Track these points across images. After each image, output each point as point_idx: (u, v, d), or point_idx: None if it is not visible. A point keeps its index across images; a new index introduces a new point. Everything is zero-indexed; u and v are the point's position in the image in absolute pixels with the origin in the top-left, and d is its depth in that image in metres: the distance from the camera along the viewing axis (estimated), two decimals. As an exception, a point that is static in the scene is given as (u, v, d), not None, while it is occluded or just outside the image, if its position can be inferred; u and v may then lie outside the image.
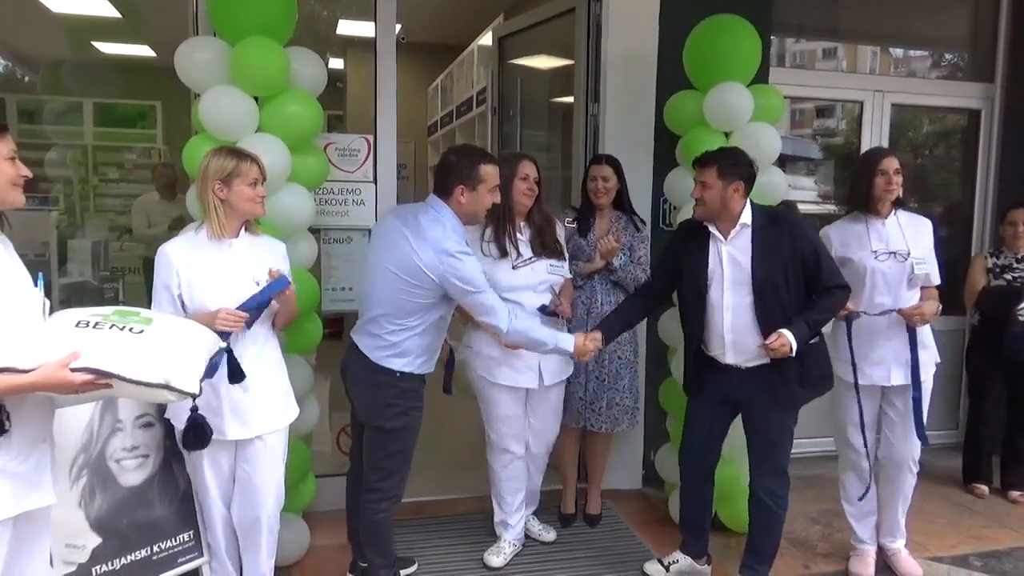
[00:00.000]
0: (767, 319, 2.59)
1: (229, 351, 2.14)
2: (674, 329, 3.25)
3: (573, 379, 3.34)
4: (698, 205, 2.70)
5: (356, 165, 3.53)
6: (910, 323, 2.91)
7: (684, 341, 2.90)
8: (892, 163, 2.93)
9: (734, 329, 2.66)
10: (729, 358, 2.71)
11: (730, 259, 2.66)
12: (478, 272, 2.51)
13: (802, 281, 2.60)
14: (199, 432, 2.23)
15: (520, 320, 2.65)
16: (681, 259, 2.79)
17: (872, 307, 2.96)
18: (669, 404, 3.58)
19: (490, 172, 2.57)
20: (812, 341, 2.64)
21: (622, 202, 3.40)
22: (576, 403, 3.36)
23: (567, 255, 3.16)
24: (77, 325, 1.70)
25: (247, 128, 2.79)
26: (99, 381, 1.63)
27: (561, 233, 3.20)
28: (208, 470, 2.49)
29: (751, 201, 2.70)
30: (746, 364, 2.69)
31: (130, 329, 1.72)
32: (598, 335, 2.81)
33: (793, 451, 4.22)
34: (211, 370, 1.93)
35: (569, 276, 3.15)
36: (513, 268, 2.97)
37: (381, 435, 2.62)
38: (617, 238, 3.23)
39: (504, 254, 2.96)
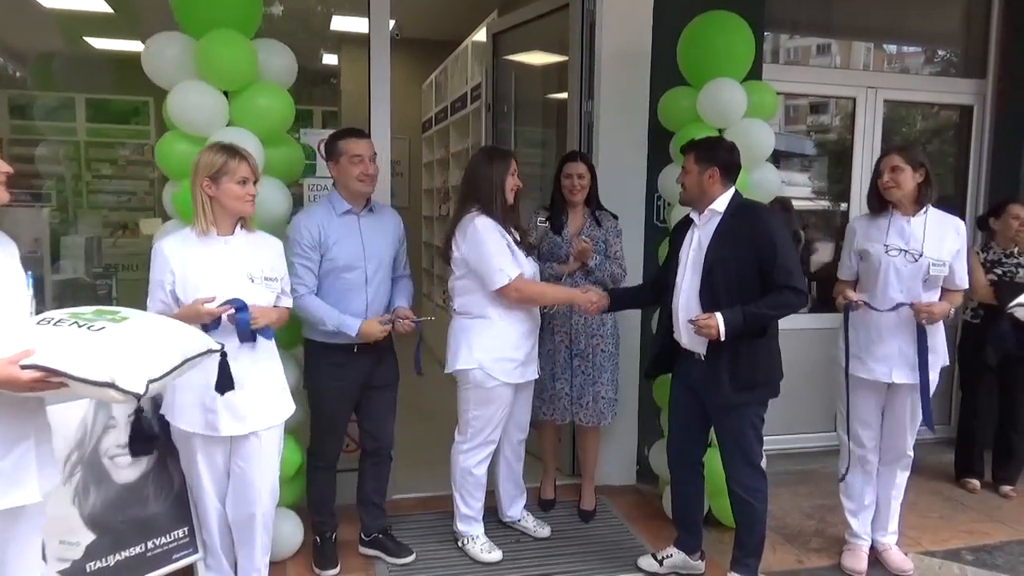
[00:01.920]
0: (710, 302, 2.64)
1: (224, 356, 2.08)
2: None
3: (560, 375, 3.39)
4: (681, 191, 2.83)
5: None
6: (918, 320, 2.91)
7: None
8: (888, 161, 2.91)
9: (685, 308, 2.73)
10: (684, 340, 2.77)
11: (696, 242, 2.74)
12: (293, 247, 2.79)
13: (756, 274, 2.61)
14: (143, 436, 2.13)
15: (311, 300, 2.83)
16: (672, 249, 2.90)
17: (885, 302, 2.95)
18: (662, 399, 3.59)
19: (347, 144, 2.83)
20: (759, 341, 2.64)
21: (591, 199, 3.45)
22: (563, 400, 3.40)
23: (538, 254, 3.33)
24: (39, 323, 1.67)
25: (217, 122, 2.78)
26: (51, 379, 1.58)
27: (532, 233, 3.32)
28: (203, 466, 2.50)
29: (737, 192, 2.74)
30: (696, 349, 2.73)
31: (89, 327, 1.66)
32: (604, 294, 3.04)
33: (787, 446, 4.33)
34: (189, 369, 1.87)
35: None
36: (527, 257, 3.06)
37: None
38: (588, 238, 3.30)
39: (517, 245, 3.02)
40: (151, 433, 1.94)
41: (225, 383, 2.21)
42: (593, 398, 3.40)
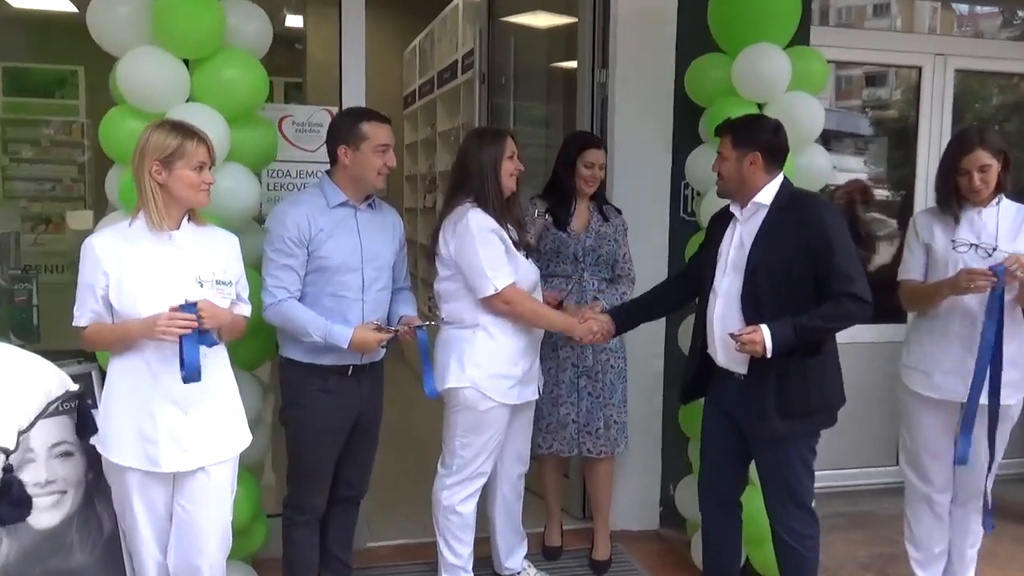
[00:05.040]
0: (754, 311, 2.63)
1: (81, 398, 2.01)
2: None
3: (565, 399, 3.40)
4: (718, 180, 2.81)
5: (318, 143, 3.52)
6: (1012, 272, 2.74)
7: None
8: (978, 159, 2.89)
9: (722, 319, 2.72)
10: (720, 357, 2.77)
11: (738, 240, 2.74)
12: (275, 241, 2.75)
13: (810, 279, 2.60)
14: (14, 500, 2.02)
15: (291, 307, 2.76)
16: (708, 243, 2.90)
17: (953, 305, 2.94)
18: (690, 428, 3.58)
19: (373, 130, 2.79)
20: (812, 359, 2.63)
21: (599, 190, 3.49)
22: (569, 429, 3.41)
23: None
24: None
25: (176, 97, 2.77)
26: None
27: (530, 227, 3.33)
28: (140, 508, 2.46)
29: (786, 180, 2.75)
30: (735, 368, 2.73)
31: None
32: (606, 319, 3.04)
33: (840, 483, 4.32)
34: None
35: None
36: (527, 259, 3.06)
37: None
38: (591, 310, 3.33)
39: (515, 245, 3.01)
40: (22, 497, 1.84)
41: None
42: (605, 424, 3.41)
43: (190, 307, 2.29)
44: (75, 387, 1.92)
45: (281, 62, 3.05)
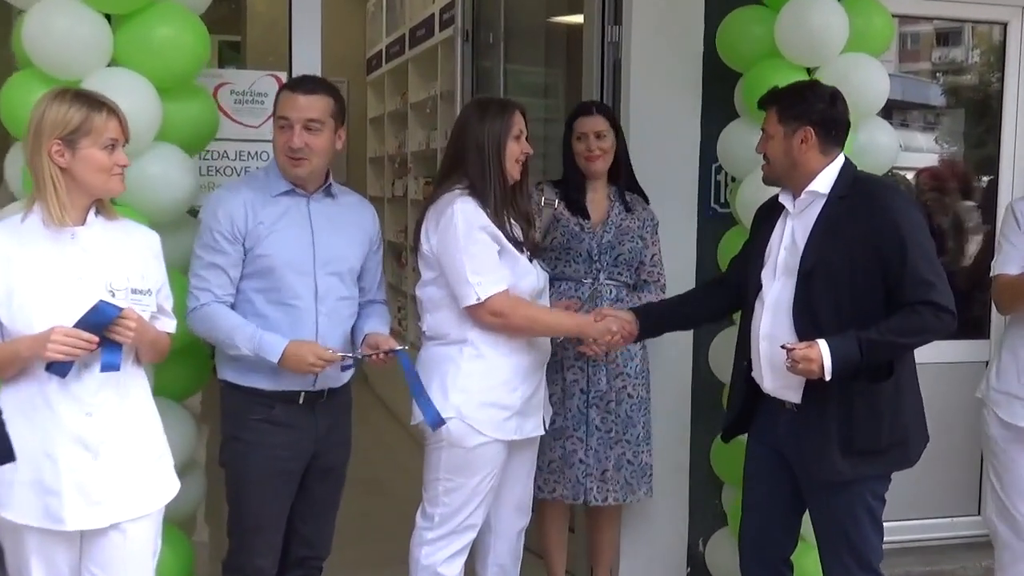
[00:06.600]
0: (809, 324, 2.64)
1: None
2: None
3: (572, 432, 3.42)
4: (764, 164, 2.83)
5: (261, 117, 3.52)
6: None
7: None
8: None
9: (770, 336, 2.73)
10: (767, 383, 2.78)
11: (790, 237, 2.75)
12: (203, 234, 2.81)
13: (879, 282, 2.61)
14: None
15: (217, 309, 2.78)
16: (753, 242, 2.93)
17: None
18: (725, 470, 3.56)
19: (281, 99, 2.86)
20: (882, 383, 2.63)
21: (620, 172, 3.51)
22: (576, 469, 3.42)
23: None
24: None
25: (95, 59, 2.77)
26: None
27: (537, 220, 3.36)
28: (39, 574, 2.43)
29: (848, 163, 2.76)
30: (785, 396, 2.74)
31: None
32: (628, 317, 3.05)
33: (912, 537, 4.31)
34: None
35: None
36: (530, 262, 3.07)
37: None
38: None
39: (516, 245, 3.01)
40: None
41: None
42: (616, 464, 3.42)
43: (110, 310, 2.26)
44: None
45: (215, 15, 3.02)
